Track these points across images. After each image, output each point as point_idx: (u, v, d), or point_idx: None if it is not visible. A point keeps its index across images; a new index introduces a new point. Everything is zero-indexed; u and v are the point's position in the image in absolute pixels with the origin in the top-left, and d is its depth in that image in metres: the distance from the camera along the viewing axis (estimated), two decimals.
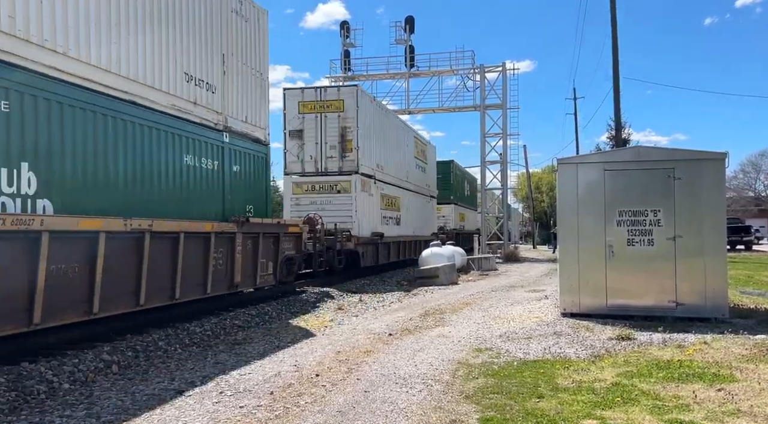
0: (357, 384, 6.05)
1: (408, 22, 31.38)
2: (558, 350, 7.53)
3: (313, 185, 18.21)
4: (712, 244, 9.43)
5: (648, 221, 9.65)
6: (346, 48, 32.05)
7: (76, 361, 6.66)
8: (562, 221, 10.26)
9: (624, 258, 9.69)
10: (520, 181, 59.45)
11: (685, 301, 9.42)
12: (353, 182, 17.97)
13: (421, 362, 6.97)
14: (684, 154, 9.90)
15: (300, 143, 18.28)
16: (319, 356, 7.46)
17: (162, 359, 7.43)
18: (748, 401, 5.25)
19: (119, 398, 5.69)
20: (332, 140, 18.17)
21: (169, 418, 5.10)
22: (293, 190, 18.32)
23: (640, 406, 5.19)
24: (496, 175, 32.22)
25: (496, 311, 11.24)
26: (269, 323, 10.34)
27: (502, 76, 30.77)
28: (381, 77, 31.97)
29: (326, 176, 18.22)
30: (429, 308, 11.97)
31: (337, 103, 18.23)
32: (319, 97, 18.34)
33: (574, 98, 51.37)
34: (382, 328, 9.51)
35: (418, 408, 5.23)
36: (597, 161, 10.35)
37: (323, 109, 18.27)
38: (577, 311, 9.89)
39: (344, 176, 18.09)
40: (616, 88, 23.21)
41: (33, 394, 5.71)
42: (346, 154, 18.13)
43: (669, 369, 6.40)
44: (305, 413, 5.14)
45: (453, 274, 18.05)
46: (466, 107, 31.59)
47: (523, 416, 4.93)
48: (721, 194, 9.81)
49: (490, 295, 14.21)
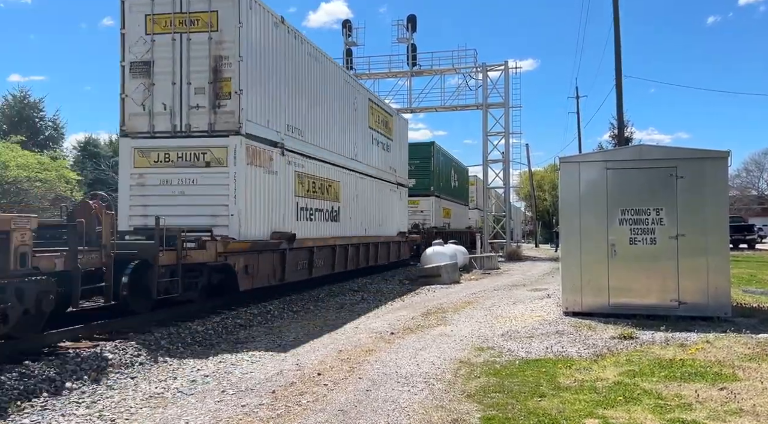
0: (359, 383, 6.05)
1: (410, 20, 31.36)
2: (560, 349, 7.52)
3: (168, 154, 10.96)
4: (715, 243, 9.42)
5: (650, 219, 9.63)
6: (348, 47, 32.08)
7: (78, 359, 6.67)
8: (564, 219, 10.25)
9: (626, 257, 9.68)
10: (523, 179, 59.43)
11: (688, 300, 9.40)
12: (232, 149, 10.70)
13: (423, 361, 6.97)
14: (686, 153, 9.89)
15: (147, 83, 11.08)
16: (320, 354, 7.47)
17: (164, 357, 7.43)
18: (750, 401, 5.24)
19: (122, 397, 5.70)
20: (199, 79, 10.90)
21: (171, 417, 5.11)
22: (135, 161, 11.12)
23: (642, 405, 5.18)
24: (498, 173, 32.22)
25: (498, 309, 11.24)
26: (271, 321, 10.34)
27: (505, 75, 30.76)
28: (383, 76, 31.97)
29: (189, 138, 10.91)
30: (431, 306, 11.97)
31: (207, 16, 10.94)
32: (179, 7, 11.02)
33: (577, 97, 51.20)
34: (384, 327, 9.51)
35: (419, 407, 5.23)
36: (599, 160, 10.33)
37: (185, 27, 10.99)
38: (580, 309, 9.88)
39: (216, 139, 10.79)
40: (619, 87, 23.16)
41: (36, 392, 5.72)
42: (221, 103, 10.84)
43: (671, 368, 6.40)
44: (307, 412, 5.15)
45: (455, 273, 18.04)
46: (468, 106, 31.58)
47: (525, 415, 4.93)
48: (724, 193, 9.79)
49: (492, 294, 14.20)
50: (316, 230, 14.12)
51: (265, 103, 11.71)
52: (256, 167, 11.28)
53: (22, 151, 22.69)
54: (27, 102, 37.79)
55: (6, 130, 31.08)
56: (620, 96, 23.23)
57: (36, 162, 22.07)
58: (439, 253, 18.95)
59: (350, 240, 16.32)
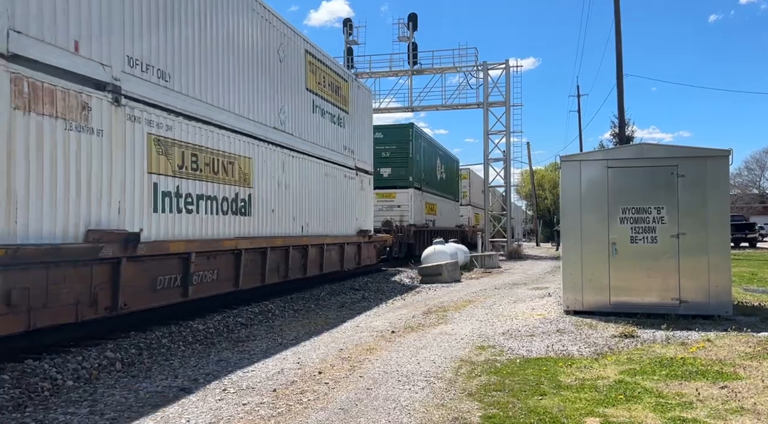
0: (359, 382, 6.05)
1: (411, 19, 31.32)
2: (561, 348, 7.52)
3: None
4: (716, 241, 9.40)
5: (651, 218, 9.62)
6: (348, 45, 32.05)
7: (79, 358, 6.68)
8: (565, 218, 10.25)
9: (627, 255, 9.67)
10: (524, 178, 59.38)
11: (689, 298, 9.40)
12: None
13: (424, 360, 6.97)
14: (688, 152, 9.87)
15: None
16: (321, 353, 7.48)
17: (165, 356, 7.44)
18: (751, 399, 5.24)
19: (123, 396, 5.71)
20: None
21: (172, 415, 5.12)
22: None
23: (643, 404, 5.18)
24: (499, 172, 32.20)
25: (499, 308, 11.24)
26: (272, 320, 10.35)
27: (506, 74, 30.73)
28: (384, 75, 31.94)
29: None
30: (432, 305, 11.98)
31: None
32: None
33: (578, 95, 51.13)
34: (384, 325, 9.51)
35: (420, 406, 5.23)
36: (600, 158, 10.32)
37: None
38: (581, 308, 9.88)
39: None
40: (620, 85, 23.14)
41: (37, 391, 5.73)
42: None
43: (672, 367, 6.39)
44: (308, 411, 5.15)
45: (456, 271, 18.05)
46: (469, 105, 31.53)
47: (526, 414, 4.93)
48: (725, 192, 9.78)
49: (493, 292, 14.20)
50: (202, 228, 9.56)
51: (74, 8, 7.09)
52: (46, 118, 6.69)
53: None
54: None
55: None
56: (621, 94, 23.21)
57: None
58: (440, 251, 18.98)
59: (272, 242, 11.81)
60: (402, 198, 23.66)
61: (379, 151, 22.29)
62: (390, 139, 22.89)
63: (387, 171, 21.10)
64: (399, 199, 23.56)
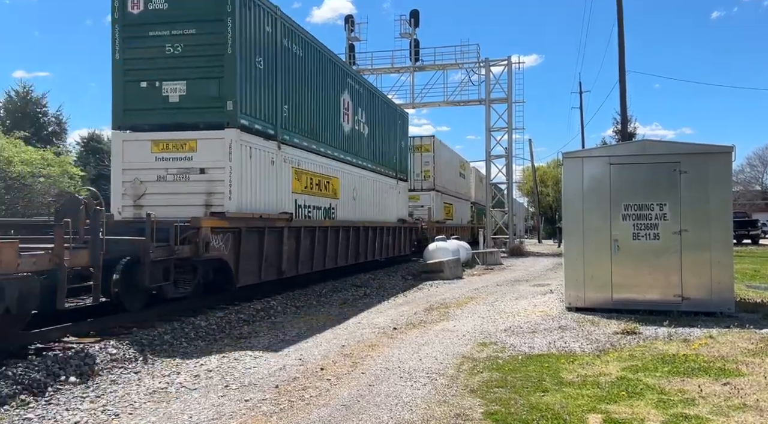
0: (361, 378, 6.06)
1: (413, 15, 31.27)
2: (563, 345, 7.52)
3: None
4: (719, 238, 9.39)
5: (654, 215, 9.61)
6: (350, 42, 32.01)
7: (82, 355, 6.69)
8: (567, 215, 10.24)
9: (629, 252, 9.67)
10: (525, 175, 59.25)
11: (691, 295, 9.39)
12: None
13: (426, 356, 6.98)
14: (690, 148, 9.85)
15: None
16: (323, 349, 7.48)
17: (168, 352, 7.45)
18: (753, 396, 5.24)
19: (125, 392, 5.72)
20: None
21: (174, 411, 5.13)
22: None
23: (645, 400, 5.18)
24: (501, 169, 32.16)
25: (501, 305, 11.24)
26: (274, 317, 10.36)
27: (508, 70, 30.71)
28: (386, 71, 31.90)
29: None
30: (433, 302, 11.98)
31: None
32: None
33: (580, 92, 51.16)
34: (386, 322, 9.52)
35: (422, 402, 5.23)
36: (602, 155, 10.31)
37: None
38: (582, 305, 9.87)
39: None
40: (622, 82, 23.09)
41: (40, 387, 5.74)
42: None
43: (674, 363, 6.39)
44: (310, 407, 5.16)
45: (458, 268, 18.04)
46: (471, 101, 31.48)
47: (528, 410, 4.93)
48: (728, 188, 9.76)
49: (494, 289, 14.20)
50: None
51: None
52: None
53: (26, 147, 22.68)
54: (30, 98, 37.76)
55: (9, 126, 31.03)
56: (624, 91, 23.18)
57: (40, 158, 22.04)
58: (442, 248, 18.96)
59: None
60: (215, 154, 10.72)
61: (160, 42, 10.68)
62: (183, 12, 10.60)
63: (175, 91, 10.66)
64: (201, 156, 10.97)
